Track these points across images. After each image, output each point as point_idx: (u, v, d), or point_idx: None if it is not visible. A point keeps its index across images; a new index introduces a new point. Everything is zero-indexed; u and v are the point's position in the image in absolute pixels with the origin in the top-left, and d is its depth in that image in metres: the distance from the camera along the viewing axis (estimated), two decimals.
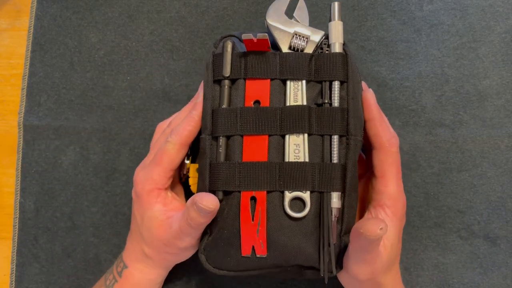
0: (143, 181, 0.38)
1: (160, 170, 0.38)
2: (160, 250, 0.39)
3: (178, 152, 0.38)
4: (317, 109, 0.37)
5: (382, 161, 0.37)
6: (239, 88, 0.37)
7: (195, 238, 0.37)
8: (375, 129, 0.37)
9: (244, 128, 0.36)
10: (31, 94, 0.50)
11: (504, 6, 0.48)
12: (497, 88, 0.47)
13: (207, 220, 0.35)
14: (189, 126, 0.38)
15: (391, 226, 0.36)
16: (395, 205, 0.36)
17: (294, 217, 0.35)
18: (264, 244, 0.35)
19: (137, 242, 0.40)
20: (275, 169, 0.35)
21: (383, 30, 0.49)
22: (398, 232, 0.36)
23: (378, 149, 0.37)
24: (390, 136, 0.37)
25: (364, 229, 0.31)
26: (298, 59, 0.37)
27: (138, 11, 0.50)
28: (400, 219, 0.36)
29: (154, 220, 0.37)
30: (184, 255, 0.40)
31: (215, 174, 0.36)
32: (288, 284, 0.45)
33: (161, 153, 0.38)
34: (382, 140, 0.37)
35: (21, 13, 0.52)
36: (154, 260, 0.40)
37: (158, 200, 0.38)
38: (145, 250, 0.39)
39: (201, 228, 0.36)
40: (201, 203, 0.33)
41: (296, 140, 0.36)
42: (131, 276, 0.40)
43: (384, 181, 0.36)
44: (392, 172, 0.36)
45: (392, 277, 0.37)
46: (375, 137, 0.37)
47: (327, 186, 0.35)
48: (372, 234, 0.31)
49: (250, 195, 0.35)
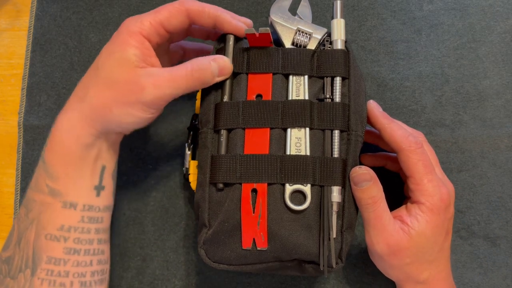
0: (130, 22, 0.35)
1: (154, 18, 0.35)
2: (110, 95, 0.34)
3: (179, 12, 0.36)
4: (318, 104, 0.37)
5: (406, 162, 0.37)
6: (241, 82, 0.38)
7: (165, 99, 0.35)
8: (388, 136, 0.38)
9: (246, 121, 0.37)
10: (31, 94, 0.50)
11: (504, 6, 0.48)
12: (497, 88, 0.47)
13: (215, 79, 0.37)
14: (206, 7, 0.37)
15: (423, 220, 0.36)
16: (429, 200, 0.36)
17: (295, 209, 0.35)
18: (265, 237, 0.35)
19: (83, 85, 0.36)
20: (276, 161, 0.36)
21: (383, 30, 0.49)
22: (433, 226, 0.36)
23: (399, 152, 0.37)
24: (405, 137, 0.37)
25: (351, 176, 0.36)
26: (300, 54, 0.38)
27: (138, 11, 0.50)
28: (436, 213, 0.36)
29: (124, 61, 0.34)
30: (128, 121, 0.35)
31: (216, 166, 0.36)
32: (288, 284, 0.45)
33: (162, 6, 0.36)
34: (399, 144, 0.37)
35: (21, 13, 0.52)
36: (93, 109, 0.35)
37: (137, 45, 0.35)
38: (90, 93, 0.35)
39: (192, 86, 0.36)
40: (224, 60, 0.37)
41: (297, 134, 0.36)
42: (59, 125, 0.35)
43: (414, 179, 0.37)
44: (419, 170, 0.36)
45: (432, 274, 0.37)
46: (392, 143, 0.38)
47: (327, 180, 0.36)
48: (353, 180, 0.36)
49: (251, 187, 0.35)
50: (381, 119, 0.38)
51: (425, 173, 0.36)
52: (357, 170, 0.36)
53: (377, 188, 0.36)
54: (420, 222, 0.36)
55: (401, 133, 0.37)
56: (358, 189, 0.36)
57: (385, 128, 0.38)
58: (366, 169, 0.36)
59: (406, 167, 0.37)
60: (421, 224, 0.36)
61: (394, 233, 0.36)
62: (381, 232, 0.36)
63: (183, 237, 0.46)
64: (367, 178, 0.35)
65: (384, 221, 0.36)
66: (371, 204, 0.36)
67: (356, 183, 0.36)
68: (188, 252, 0.46)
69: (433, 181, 0.36)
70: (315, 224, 0.35)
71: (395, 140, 0.37)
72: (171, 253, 0.46)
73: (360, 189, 0.36)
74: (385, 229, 0.36)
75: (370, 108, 0.39)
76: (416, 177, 0.36)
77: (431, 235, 0.36)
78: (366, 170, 0.36)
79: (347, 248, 0.36)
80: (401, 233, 0.36)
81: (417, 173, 0.36)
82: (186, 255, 0.46)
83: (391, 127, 0.38)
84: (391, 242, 0.36)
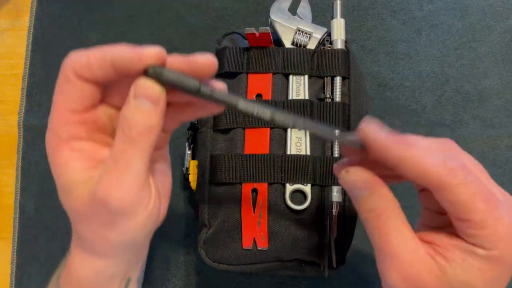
0: (47, 136, 0.26)
1: (54, 113, 0.25)
2: (93, 226, 0.26)
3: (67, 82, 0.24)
4: (318, 103, 0.37)
5: (454, 201, 0.23)
6: (241, 82, 0.38)
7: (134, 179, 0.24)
8: (414, 171, 0.24)
9: (246, 120, 0.37)
10: (31, 94, 0.50)
11: (504, 6, 0.48)
12: (497, 88, 0.47)
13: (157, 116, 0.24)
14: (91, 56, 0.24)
15: (474, 268, 0.24)
16: (500, 248, 0.23)
17: (295, 209, 0.35)
18: (265, 236, 0.35)
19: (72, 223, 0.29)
20: (276, 161, 0.36)
21: (383, 30, 0.49)
22: (490, 279, 0.24)
23: (438, 190, 0.24)
24: (441, 165, 0.23)
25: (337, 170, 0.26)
26: (300, 54, 0.38)
27: (138, 11, 0.50)
28: (502, 263, 0.24)
29: (72, 185, 0.25)
30: (128, 228, 0.26)
31: (216, 166, 0.36)
32: (288, 284, 0.45)
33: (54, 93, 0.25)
34: (436, 179, 0.23)
35: (21, 13, 0.52)
36: (92, 242, 0.27)
37: (73, 156, 0.25)
38: (77, 229, 0.28)
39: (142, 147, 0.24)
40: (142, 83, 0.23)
41: (297, 133, 0.37)
42: (72, 266, 0.29)
43: (472, 223, 0.24)
44: (478, 208, 0.23)
45: None
46: (422, 179, 0.24)
47: (328, 179, 0.36)
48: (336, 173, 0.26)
49: (252, 187, 0.35)
50: (393, 148, 0.24)
51: (489, 210, 0.23)
52: (343, 176, 0.25)
53: (379, 197, 0.25)
54: (468, 269, 0.24)
55: (433, 161, 0.23)
56: (353, 198, 0.26)
57: (405, 161, 0.23)
58: (359, 173, 0.25)
59: (454, 208, 0.24)
60: (468, 272, 0.24)
61: (414, 262, 0.24)
62: (391, 260, 0.24)
63: (183, 237, 0.46)
64: (359, 186, 0.25)
65: (394, 243, 0.24)
66: (372, 219, 0.25)
67: (348, 191, 0.26)
68: (188, 252, 0.46)
69: (502, 218, 0.23)
70: (316, 223, 0.35)
71: (427, 176, 0.23)
72: (171, 253, 0.46)
73: (355, 199, 0.26)
74: (396, 255, 0.24)
75: (368, 133, 0.24)
76: (475, 218, 0.23)
77: None
78: (358, 174, 0.25)
79: (347, 248, 0.36)
80: (427, 265, 0.24)
81: (476, 214, 0.23)
82: (186, 255, 0.46)
83: (413, 156, 0.23)
84: (409, 274, 0.24)
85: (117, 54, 0.23)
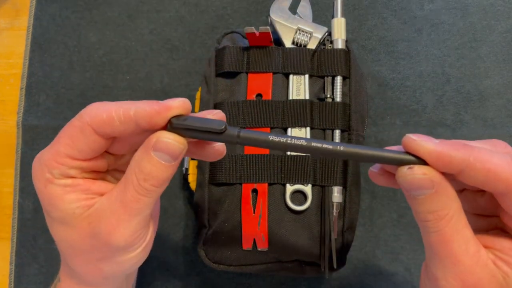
0: (36, 169, 0.26)
1: (54, 152, 0.25)
2: (88, 259, 0.26)
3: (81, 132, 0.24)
4: (319, 103, 0.37)
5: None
6: (241, 82, 0.38)
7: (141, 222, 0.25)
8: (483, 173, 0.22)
9: (246, 121, 0.36)
10: (30, 93, 0.49)
11: (505, 5, 0.48)
12: (498, 88, 0.47)
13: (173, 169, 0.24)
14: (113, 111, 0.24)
15: None
16: None
17: (295, 210, 0.35)
18: (266, 237, 0.35)
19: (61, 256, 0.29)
20: (276, 161, 0.35)
21: (384, 29, 0.49)
22: None
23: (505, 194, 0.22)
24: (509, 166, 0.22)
25: None
26: (301, 53, 0.37)
27: (137, 10, 0.50)
28: None
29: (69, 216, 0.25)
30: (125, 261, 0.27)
31: (216, 166, 0.36)
32: (289, 285, 0.45)
33: (62, 129, 0.25)
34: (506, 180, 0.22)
35: (20, 12, 0.52)
36: (85, 275, 0.28)
37: (66, 189, 0.25)
38: (69, 262, 0.27)
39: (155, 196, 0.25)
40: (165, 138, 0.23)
41: (298, 133, 0.36)
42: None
43: None
44: None
45: None
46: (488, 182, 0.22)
47: (328, 180, 0.35)
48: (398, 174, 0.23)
49: (252, 187, 0.35)
50: (456, 154, 0.22)
51: None
52: (405, 174, 0.23)
53: (445, 197, 0.23)
54: None
55: (502, 162, 0.22)
56: (411, 197, 0.23)
57: (472, 165, 0.22)
58: (426, 171, 0.22)
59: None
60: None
61: (476, 268, 0.22)
62: (451, 265, 0.23)
63: (183, 237, 0.46)
64: (425, 185, 0.22)
65: (455, 246, 0.23)
66: (434, 220, 0.23)
67: (407, 190, 0.23)
68: (188, 253, 0.46)
69: None
70: (316, 224, 0.35)
71: (497, 178, 0.22)
72: (171, 253, 0.46)
73: (413, 198, 0.23)
74: (457, 259, 0.23)
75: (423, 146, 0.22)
76: None
77: None
78: (425, 172, 0.22)
79: (348, 249, 0.36)
80: (490, 272, 0.22)
81: None
82: (186, 256, 0.46)
83: (479, 159, 0.22)
84: (470, 281, 0.22)
85: (142, 110, 0.23)
